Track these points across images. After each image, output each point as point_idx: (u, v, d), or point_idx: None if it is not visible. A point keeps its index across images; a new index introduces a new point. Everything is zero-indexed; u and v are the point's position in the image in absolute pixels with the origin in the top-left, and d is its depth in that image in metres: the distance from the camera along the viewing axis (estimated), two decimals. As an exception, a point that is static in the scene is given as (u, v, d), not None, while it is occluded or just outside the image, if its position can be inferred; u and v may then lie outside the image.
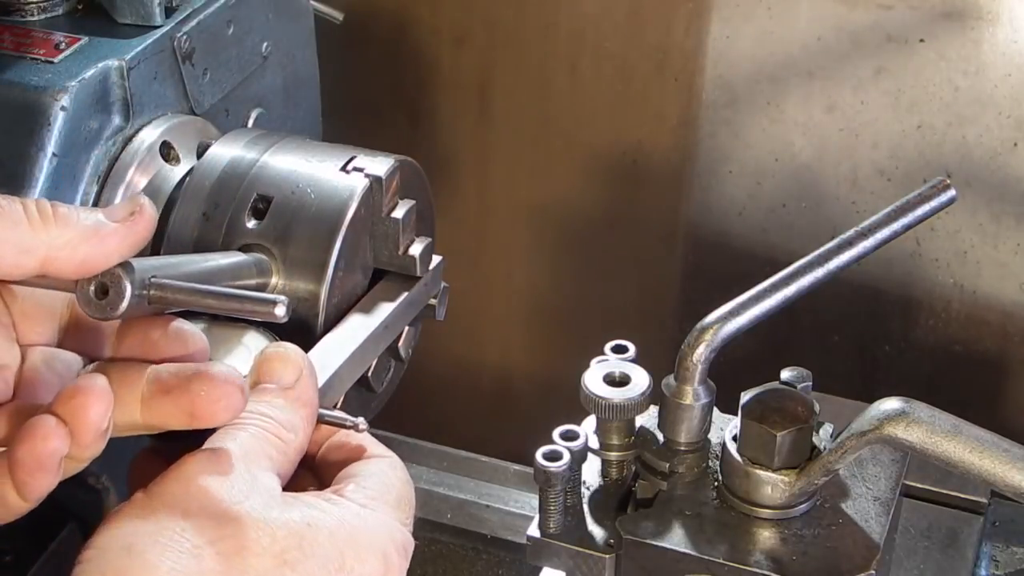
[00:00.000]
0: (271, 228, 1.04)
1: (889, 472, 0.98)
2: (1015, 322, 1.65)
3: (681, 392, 0.96)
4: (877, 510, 0.95)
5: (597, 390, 0.98)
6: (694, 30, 1.66)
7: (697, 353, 0.95)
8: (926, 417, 0.86)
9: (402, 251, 1.08)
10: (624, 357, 1.01)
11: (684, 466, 0.98)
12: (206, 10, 1.17)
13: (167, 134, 1.13)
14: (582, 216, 1.82)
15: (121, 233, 0.76)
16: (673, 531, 0.94)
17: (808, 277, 0.97)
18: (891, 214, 1.00)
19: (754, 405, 0.94)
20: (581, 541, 0.96)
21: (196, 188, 1.07)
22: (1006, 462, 0.83)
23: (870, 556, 0.91)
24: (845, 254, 0.98)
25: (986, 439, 0.85)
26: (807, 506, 0.95)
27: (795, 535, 0.93)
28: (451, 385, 1.93)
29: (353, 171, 1.05)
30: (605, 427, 0.99)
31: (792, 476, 0.93)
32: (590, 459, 1.00)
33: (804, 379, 0.98)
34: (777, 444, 0.92)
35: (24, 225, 0.74)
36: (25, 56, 1.10)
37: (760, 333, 1.78)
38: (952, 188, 1.01)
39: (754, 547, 0.92)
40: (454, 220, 1.80)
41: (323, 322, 1.03)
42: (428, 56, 1.80)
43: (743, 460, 0.94)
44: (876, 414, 0.87)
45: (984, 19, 1.53)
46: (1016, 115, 1.55)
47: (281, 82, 1.30)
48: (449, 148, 1.85)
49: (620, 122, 1.75)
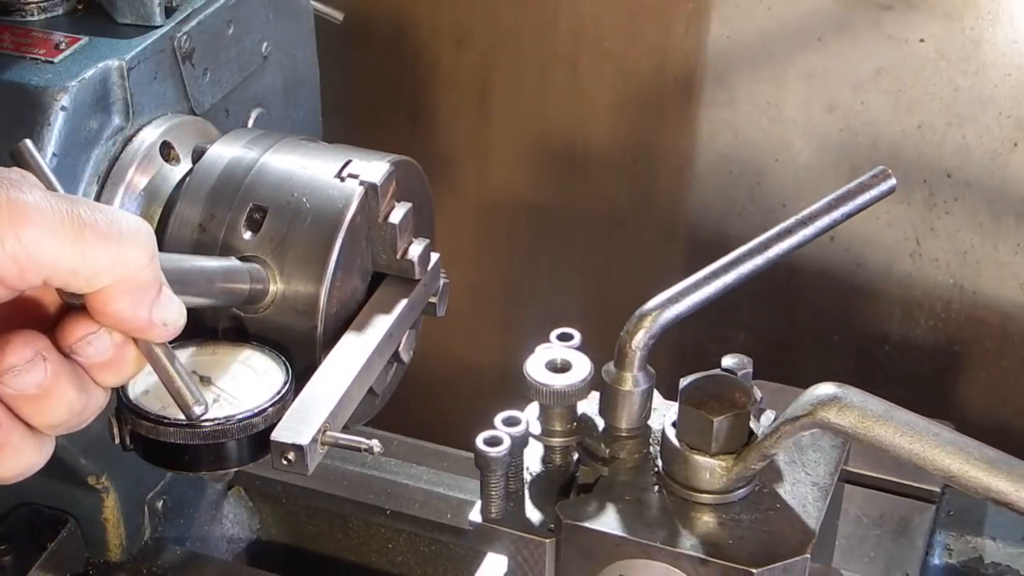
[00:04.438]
0: (267, 239, 1.04)
1: (829, 458, 0.98)
2: (1015, 322, 1.65)
3: (621, 379, 0.97)
4: (815, 495, 0.95)
5: (539, 377, 0.98)
6: (694, 30, 1.66)
7: (636, 339, 0.95)
8: (858, 402, 0.87)
9: (400, 255, 1.07)
10: (570, 344, 1.01)
11: (625, 452, 0.98)
12: (206, 10, 1.18)
13: (167, 134, 1.13)
14: (582, 216, 1.82)
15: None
16: (612, 516, 0.94)
17: (748, 265, 0.98)
18: (832, 203, 1.01)
19: (692, 391, 0.95)
20: (522, 526, 0.97)
21: (195, 192, 1.07)
22: (935, 446, 0.84)
23: (806, 540, 0.92)
24: (785, 242, 0.99)
25: (917, 424, 0.85)
26: (746, 491, 0.95)
27: (733, 520, 0.94)
28: (451, 385, 1.93)
29: (348, 178, 1.05)
30: (547, 413, 1.00)
31: (729, 461, 0.94)
32: (534, 445, 1.01)
33: (745, 366, 0.99)
34: (714, 429, 0.93)
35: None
36: (25, 56, 1.10)
37: (760, 333, 1.79)
38: (892, 177, 1.02)
39: (692, 531, 0.93)
40: (454, 219, 1.80)
41: (323, 331, 1.03)
42: (428, 56, 1.80)
43: (682, 446, 0.95)
44: (809, 399, 0.88)
45: (984, 19, 1.53)
46: (1016, 115, 1.55)
47: (281, 82, 1.30)
48: (449, 148, 1.85)
49: (620, 122, 1.75)
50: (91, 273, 0.75)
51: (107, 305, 0.77)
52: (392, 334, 1.05)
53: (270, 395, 0.96)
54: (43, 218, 0.73)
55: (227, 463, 0.95)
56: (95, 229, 0.75)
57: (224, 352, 1.00)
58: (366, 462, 1.42)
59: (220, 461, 0.95)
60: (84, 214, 0.75)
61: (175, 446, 0.93)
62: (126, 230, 0.77)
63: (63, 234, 0.74)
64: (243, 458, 0.95)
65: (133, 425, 0.93)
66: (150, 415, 0.92)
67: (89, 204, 0.76)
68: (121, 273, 0.76)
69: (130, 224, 0.77)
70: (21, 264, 0.73)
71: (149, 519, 1.30)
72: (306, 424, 0.94)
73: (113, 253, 0.76)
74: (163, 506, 1.31)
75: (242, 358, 1.00)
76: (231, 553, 1.42)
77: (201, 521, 1.38)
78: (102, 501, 1.25)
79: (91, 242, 0.75)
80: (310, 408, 0.95)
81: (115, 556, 1.28)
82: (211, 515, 1.39)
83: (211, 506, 1.39)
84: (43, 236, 0.73)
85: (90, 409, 0.80)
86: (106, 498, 1.25)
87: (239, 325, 1.04)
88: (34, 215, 0.73)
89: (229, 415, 0.94)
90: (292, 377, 0.98)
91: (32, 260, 0.73)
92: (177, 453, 0.94)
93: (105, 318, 0.78)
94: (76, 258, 0.74)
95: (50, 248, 0.73)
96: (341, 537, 1.42)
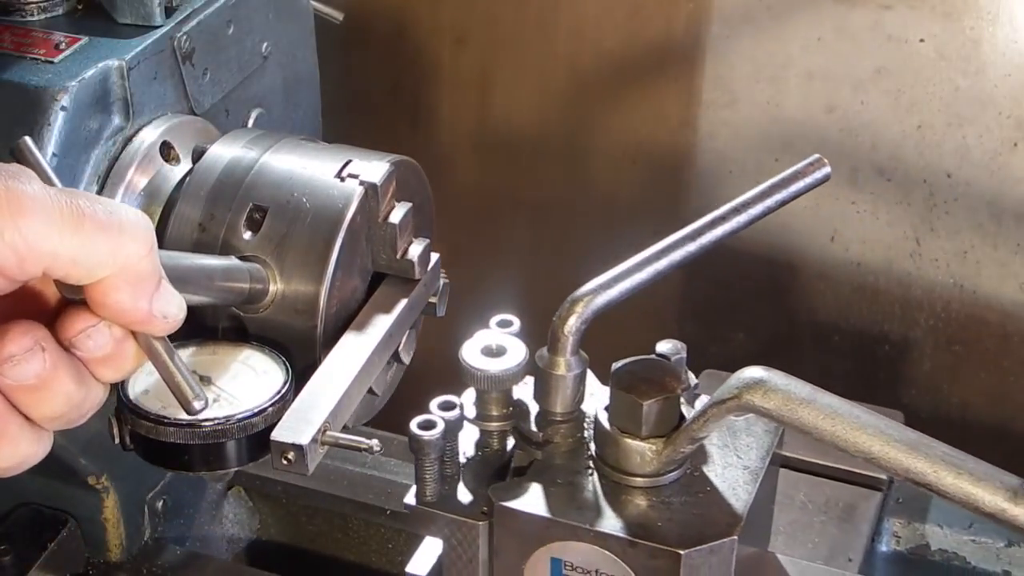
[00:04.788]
0: (267, 240, 1.04)
1: (761, 442, 0.99)
2: (1015, 322, 1.66)
3: (554, 363, 0.97)
4: (745, 479, 0.96)
5: (473, 362, 0.99)
6: (694, 30, 1.66)
7: (568, 325, 0.96)
8: (783, 385, 0.88)
9: (400, 255, 1.08)
10: (509, 331, 1.02)
11: (559, 436, 0.99)
12: (206, 10, 1.17)
13: (167, 134, 1.13)
14: (582, 216, 1.82)
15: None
16: (543, 498, 0.95)
17: (680, 252, 0.99)
18: (766, 190, 1.01)
19: (623, 375, 0.96)
20: (456, 509, 0.97)
21: (195, 192, 1.07)
22: (857, 428, 0.85)
23: (734, 523, 0.93)
24: (718, 229, 0.99)
25: (840, 407, 0.86)
26: (677, 474, 0.96)
27: (663, 502, 0.94)
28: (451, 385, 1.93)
29: (348, 178, 1.05)
30: (483, 398, 1.01)
31: (659, 445, 0.94)
32: (472, 430, 1.02)
33: (679, 351, 1.00)
34: (644, 413, 0.93)
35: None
36: (25, 56, 1.10)
37: (760, 333, 1.79)
38: (827, 166, 1.02)
39: (622, 514, 0.93)
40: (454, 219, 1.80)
41: (323, 330, 1.03)
42: (428, 56, 1.81)
43: (613, 429, 0.95)
44: (735, 383, 0.89)
45: (984, 19, 1.53)
46: (1016, 115, 1.55)
47: (281, 82, 1.30)
48: (449, 147, 1.85)
49: (620, 122, 1.75)
50: (91, 263, 0.75)
51: (107, 296, 0.77)
52: (392, 334, 1.05)
53: (270, 395, 0.96)
54: (42, 208, 0.73)
55: (227, 463, 0.95)
56: (95, 219, 0.75)
57: (224, 352, 1.00)
58: (366, 462, 1.42)
59: (220, 461, 0.95)
60: (83, 205, 0.75)
61: (175, 446, 0.93)
62: (125, 221, 0.77)
63: (63, 224, 0.74)
64: (243, 458, 0.95)
65: (133, 425, 0.93)
66: (150, 415, 0.93)
67: (88, 196, 0.76)
68: (121, 263, 0.76)
69: (129, 216, 0.77)
70: (21, 254, 0.73)
71: (149, 519, 1.30)
72: (306, 424, 0.94)
73: (113, 243, 0.76)
74: (163, 506, 1.31)
75: (242, 358, 1.00)
76: (231, 553, 1.42)
77: (201, 521, 1.38)
78: (102, 501, 1.25)
79: (91, 232, 0.75)
80: (310, 408, 0.95)
81: (115, 556, 1.28)
82: (211, 515, 1.39)
83: (211, 506, 1.39)
84: (43, 226, 0.73)
85: (88, 404, 0.80)
86: (106, 498, 1.25)
87: (239, 325, 1.04)
88: (33, 205, 0.73)
89: (229, 415, 0.94)
90: (292, 377, 0.98)
91: (32, 250, 0.73)
92: (177, 453, 0.94)
93: (105, 310, 0.78)
94: (76, 248, 0.74)
95: (50, 238, 0.73)
96: (341, 537, 1.42)
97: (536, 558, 0.95)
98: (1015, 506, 0.81)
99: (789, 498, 1.30)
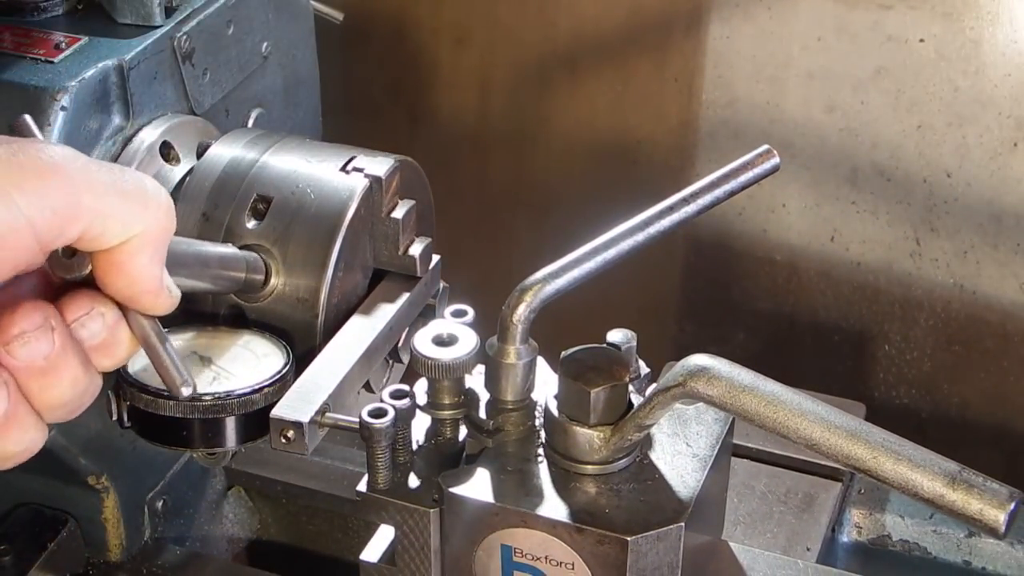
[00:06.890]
0: (271, 228, 1.04)
1: (711, 431, 1.00)
2: (1015, 322, 1.66)
3: (503, 352, 0.98)
4: (694, 467, 0.97)
5: (424, 350, 0.99)
6: (694, 30, 1.66)
7: (517, 313, 0.97)
8: (726, 373, 0.88)
9: (402, 251, 1.08)
10: (463, 321, 1.02)
11: (510, 424, 1.00)
12: (206, 10, 1.17)
13: (167, 134, 1.13)
14: (582, 216, 1.82)
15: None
16: (492, 485, 0.95)
17: (629, 241, 1.00)
18: (715, 181, 1.02)
19: (571, 363, 0.96)
20: (406, 496, 0.97)
21: (196, 188, 1.07)
22: (798, 415, 0.86)
23: (681, 510, 0.93)
24: (667, 219, 1.01)
25: (782, 395, 0.87)
26: (626, 462, 0.96)
27: (612, 490, 0.95)
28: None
29: (353, 171, 1.06)
30: (435, 387, 1.01)
31: (607, 432, 0.95)
32: (425, 419, 1.02)
33: (629, 341, 1.00)
34: (591, 400, 0.94)
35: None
36: (25, 56, 1.10)
37: (760, 333, 1.79)
38: (776, 156, 1.03)
39: (570, 501, 0.94)
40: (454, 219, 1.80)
41: (323, 322, 1.03)
42: (428, 56, 1.81)
43: (562, 417, 0.96)
44: (680, 370, 0.90)
45: (984, 19, 1.53)
46: (1016, 115, 1.56)
47: (281, 82, 1.30)
48: (449, 148, 1.85)
49: (620, 122, 1.75)
50: (128, 219, 0.77)
51: (132, 257, 0.78)
52: (393, 327, 1.06)
53: (270, 374, 0.96)
54: (77, 169, 0.75)
55: (225, 440, 0.95)
56: (124, 179, 0.77)
57: (224, 336, 1.01)
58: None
59: (218, 438, 0.95)
60: (107, 166, 0.77)
61: (174, 421, 0.93)
62: (149, 184, 0.79)
63: (97, 183, 0.75)
64: (241, 436, 0.96)
65: (132, 400, 0.94)
66: (150, 388, 0.93)
67: (108, 164, 0.79)
68: (149, 223, 0.78)
69: (151, 183, 0.80)
70: (62, 216, 0.74)
71: (149, 519, 1.30)
72: (306, 403, 0.94)
73: (141, 203, 0.78)
74: (163, 506, 1.31)
75: (242, 342, 1.00)
76: (231, 553, 1.42)
77: (201, 521, 1.38)
78: (102, 501, 1.25)
79: (124, 190, 0.77)
80: (311, 389, 0.96)
81: (115, 556, 1.28)
82: (211, 515, 1.39)
83: (211, 506, 1.39)
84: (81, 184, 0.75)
85: (88, 393, 0.80)
86: (106, 498, 1.25)
87: (239, 313, 1.04)
88: (67, 165, 0.74)
89: (229, 390, 0.94)
90: (293, 360, 0.98)
91: (72, 208, 0.74)
92: (176, 428, 0.94)
93: (122, 277, 0.78)
94: (114, 204, 0.76)
95: (89, 195, 0.75)
96: (341, 537, 1.42)
97: (486, 544, 0.96)
98: (952, 491, 0.81)
99: (749, 488, 1.31)
